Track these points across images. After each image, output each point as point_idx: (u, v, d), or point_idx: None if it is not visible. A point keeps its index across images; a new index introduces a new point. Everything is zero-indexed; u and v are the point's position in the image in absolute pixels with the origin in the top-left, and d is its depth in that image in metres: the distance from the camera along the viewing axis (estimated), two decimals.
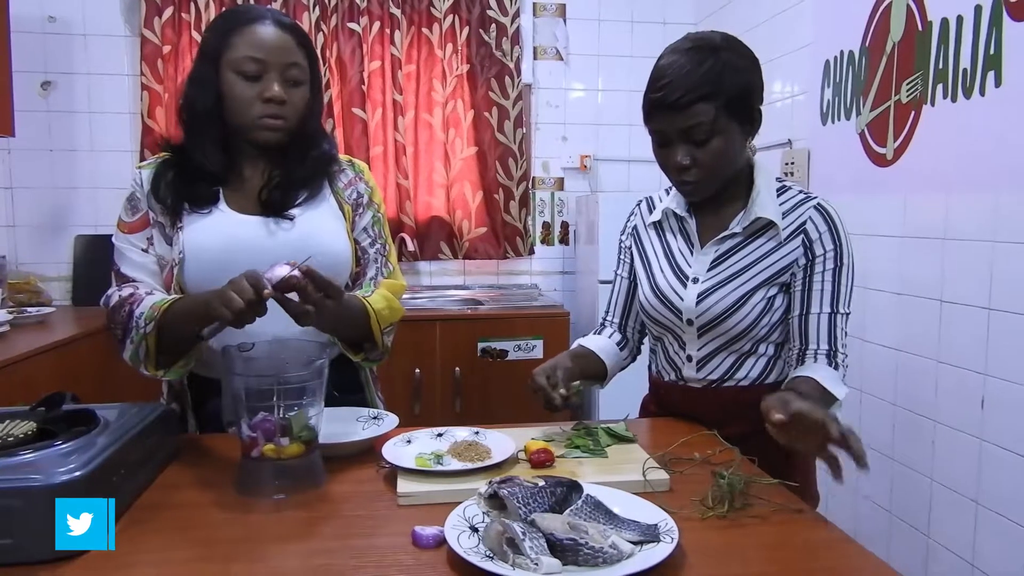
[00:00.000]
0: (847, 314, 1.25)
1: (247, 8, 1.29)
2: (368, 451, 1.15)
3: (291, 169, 1.32)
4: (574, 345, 1.44)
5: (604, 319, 1.49)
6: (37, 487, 0.79)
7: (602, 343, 1.44)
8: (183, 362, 1.21)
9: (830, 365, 1.22)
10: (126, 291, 1.24)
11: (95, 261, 3.11)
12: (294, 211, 1.31)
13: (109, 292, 1.28)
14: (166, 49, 3.04)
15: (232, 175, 1.31)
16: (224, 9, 1.34)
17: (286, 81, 1.25)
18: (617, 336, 1.46)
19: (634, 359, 1.49)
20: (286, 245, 1.27)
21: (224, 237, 1.26)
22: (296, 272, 1.04)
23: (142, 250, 1.28)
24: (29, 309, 2.71)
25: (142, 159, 3.01)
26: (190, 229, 1.26)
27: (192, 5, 3.05)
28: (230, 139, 1.30)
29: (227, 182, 1.31)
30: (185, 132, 1.31)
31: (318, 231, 1.32)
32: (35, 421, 0.98)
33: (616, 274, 1.47)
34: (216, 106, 1.26)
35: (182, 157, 1.30)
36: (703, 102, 1.15)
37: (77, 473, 0.82)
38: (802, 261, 1.24)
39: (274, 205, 1.30)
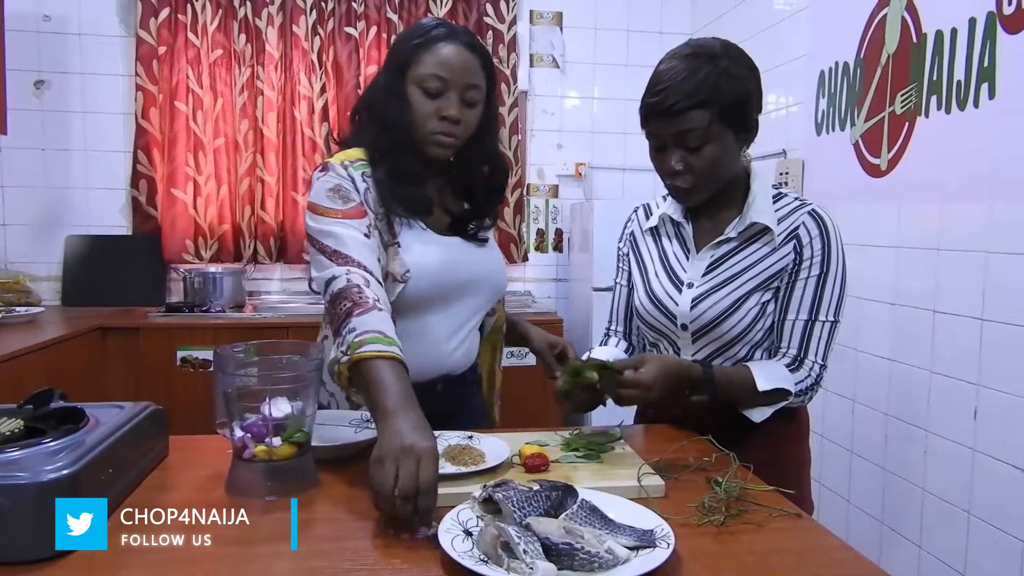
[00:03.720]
0: (832, 322, 1.23)
1: (440, 24, 1.28)
2: (361, 454, 1.14)
3: (481, 196, 1.37)
4: (584, 355, 1.42)
5: (608, 328, 1.48)
6: (24, 485, 0.78)
7: (612, 352, 1.43)
8: None
9: (789, 366, 1.23)
10: (355, 277, 1.11)
11: (86, 261, 3.09)
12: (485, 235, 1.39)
13: (335, 274, 1.13)
14: (161, 50, 3.03)
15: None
16: (418, 21, 1.32)
17: (464, 101, 1.26)
18: (623, 344, 1.46)
19: None
20: (484, 265, 1.36)
21: (440, 257, 1.28)
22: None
23: (364, 235, 1.19)
24: (18, 308, 2.69)
25: (135, 160, 3.00)
26: (409, 246, 1.26)
27: (188, 7, 3.04)
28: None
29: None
30: (374, 138, 1.28)
31: (497, 255, 1.43)
32: (23, 419, 0.96)
33: (616, 282, 1.47)
34: (404, 115, 1.25)
35: (388, 162, 1.27)
36: (698, 109, 1.15)
37: (65, 471, 0.80)
38: (792, 266, 1.24)
39: (473, 231, 1.36)
